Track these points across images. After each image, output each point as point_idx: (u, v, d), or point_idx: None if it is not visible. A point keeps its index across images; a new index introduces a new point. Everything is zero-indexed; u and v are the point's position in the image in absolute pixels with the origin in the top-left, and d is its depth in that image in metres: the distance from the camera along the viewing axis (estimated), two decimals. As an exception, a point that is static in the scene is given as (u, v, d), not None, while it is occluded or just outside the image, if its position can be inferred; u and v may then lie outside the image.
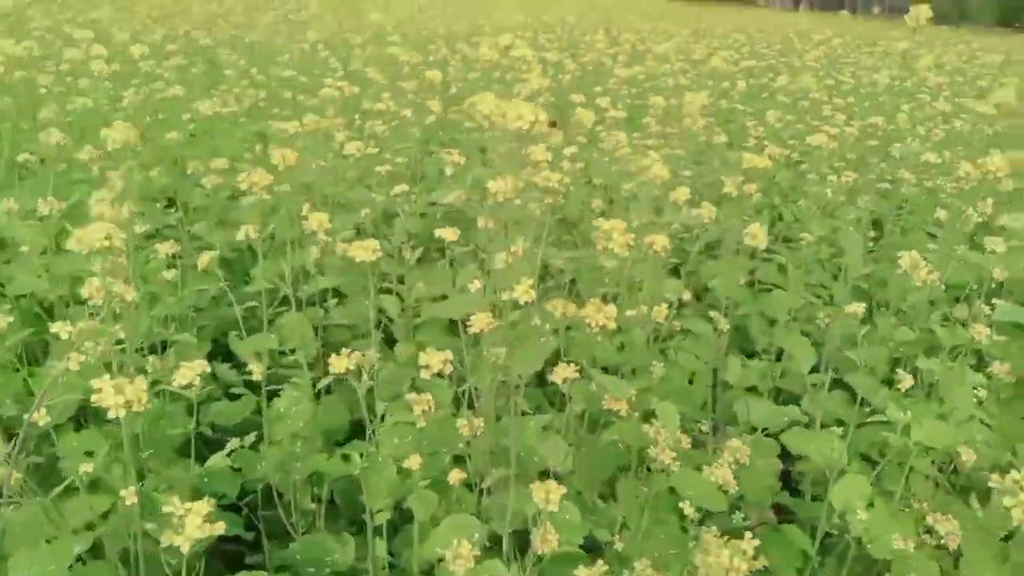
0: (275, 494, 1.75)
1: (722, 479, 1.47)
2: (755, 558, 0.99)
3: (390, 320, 2.71)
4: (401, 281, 2.73)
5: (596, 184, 3.26)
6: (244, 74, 4.64)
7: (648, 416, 1.50)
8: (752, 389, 2.03)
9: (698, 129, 2.80)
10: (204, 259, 1.76)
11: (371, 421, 1.53)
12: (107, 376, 1.02)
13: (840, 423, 2.16)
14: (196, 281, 2.55)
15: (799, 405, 2.11)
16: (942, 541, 1.58)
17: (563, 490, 1.09)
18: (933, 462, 1.78)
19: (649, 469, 1.45)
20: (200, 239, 2.90)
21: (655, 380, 1.51)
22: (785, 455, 1.98)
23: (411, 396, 1.33)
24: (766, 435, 1.95)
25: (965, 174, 1.78)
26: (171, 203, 3.04)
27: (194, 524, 0.97)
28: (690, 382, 2.08)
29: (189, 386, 1.16)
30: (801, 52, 5.84)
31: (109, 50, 3.42)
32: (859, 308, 1.89)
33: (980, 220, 1.99)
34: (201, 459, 1.92)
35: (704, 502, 1.41)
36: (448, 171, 2.14)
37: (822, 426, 1.94)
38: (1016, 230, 1.87)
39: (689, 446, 1.57)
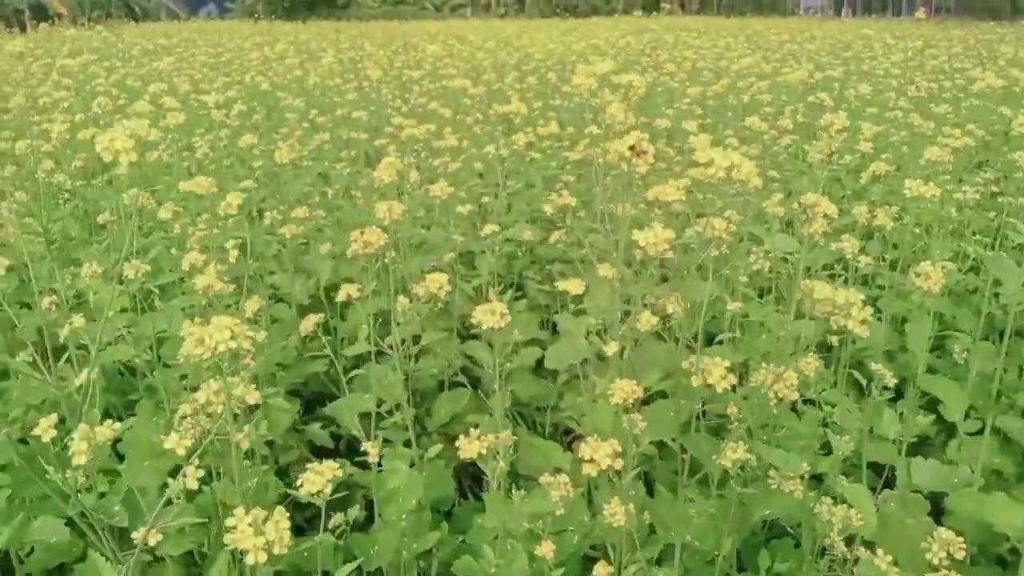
0: None
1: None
2: None
3: (479, 366, 2.57)
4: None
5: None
6: (304, 117, 4.62)
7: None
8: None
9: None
10: (309, 323, 1.65)
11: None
12: (241, 511, 0.89)
13: (999, 474, 1.94)
14: (277, 336, 2.46)
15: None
16: None
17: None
18: None
19: (824, 552, 1.27)
20: (276, 289, 2.82)
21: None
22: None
23: (548, 479, 1.18)
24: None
25: None
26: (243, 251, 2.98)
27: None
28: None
29: (319, 494, 1.03)
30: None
31: (175, 100, 3.40)
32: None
33: None
34: (295, 531, 1.80)
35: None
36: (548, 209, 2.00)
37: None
38: None
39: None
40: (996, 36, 11.15)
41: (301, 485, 1.00)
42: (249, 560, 0.85)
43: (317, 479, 1.00)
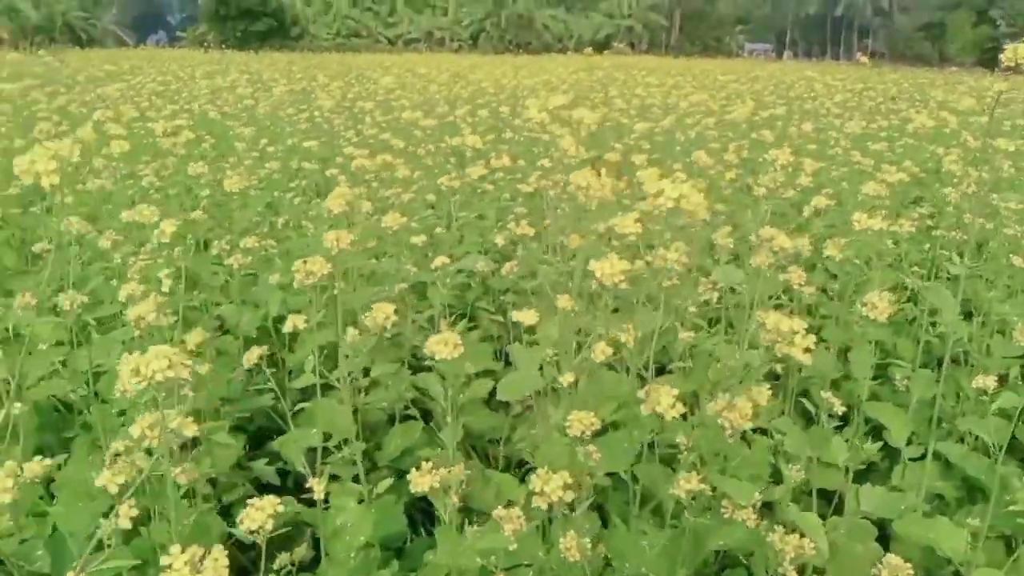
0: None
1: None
2: None
3: (430, 398, 2.53)
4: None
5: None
6: (254, 146, 4.57)
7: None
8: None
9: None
10: (252, 355, 1.61)
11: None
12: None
13: (940, 498, 1.98)
14: (223, 369, 2.39)
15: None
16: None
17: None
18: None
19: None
20: (222, 320, 2.75)
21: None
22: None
23: (500, 512, 1.16)
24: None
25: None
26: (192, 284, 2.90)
27: None
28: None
29: (258, 531, 0.99)
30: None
31: (121, 127, 3.33)
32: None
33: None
34: (240, 573, 1.73)
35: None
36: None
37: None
38: None
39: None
40: (927, 81, 11.72)
41: (242, 522, 0.96)
42: (187, 602, 0.81)
43: (258, 515, 0.96)
